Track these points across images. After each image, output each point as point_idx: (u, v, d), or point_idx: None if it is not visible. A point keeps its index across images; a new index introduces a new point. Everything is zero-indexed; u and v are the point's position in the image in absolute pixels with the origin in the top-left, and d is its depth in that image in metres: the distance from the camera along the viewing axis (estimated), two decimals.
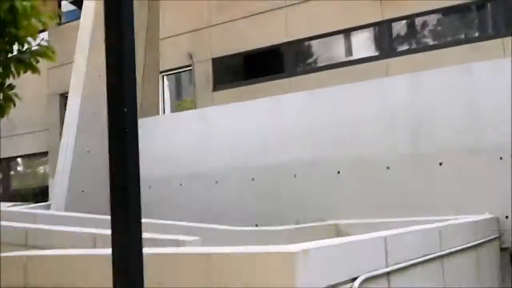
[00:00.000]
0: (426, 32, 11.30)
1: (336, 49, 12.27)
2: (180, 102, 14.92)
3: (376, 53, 11.64)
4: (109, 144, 2.48)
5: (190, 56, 13.52)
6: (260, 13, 12.86)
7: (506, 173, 6.67)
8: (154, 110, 11.49)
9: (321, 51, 12.48)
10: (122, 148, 2.44)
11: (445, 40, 11.08)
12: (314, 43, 12.52)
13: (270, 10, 12.75)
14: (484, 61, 7.51)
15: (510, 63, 6.94)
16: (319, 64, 12.48)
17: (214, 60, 13.42)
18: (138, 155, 2.47)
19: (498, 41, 10.35)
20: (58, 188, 9.66)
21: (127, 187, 2.45)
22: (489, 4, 10.75)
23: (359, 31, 11.91)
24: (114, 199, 2.46)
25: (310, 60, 12.68)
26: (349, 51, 12.09)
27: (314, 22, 12.21)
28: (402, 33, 11.53)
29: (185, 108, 13.97)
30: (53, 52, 3.78)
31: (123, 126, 2.44)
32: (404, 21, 11.42)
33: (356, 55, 11.98)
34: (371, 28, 11.72)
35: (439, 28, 11.23)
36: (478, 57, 10.15)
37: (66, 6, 16.14)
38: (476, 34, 10.88)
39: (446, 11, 11.05)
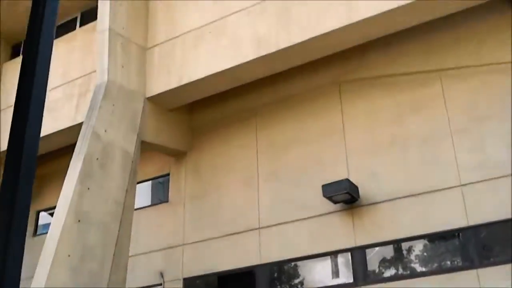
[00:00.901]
0: (401, 260, 11.07)
1: (310, 273, 11.91)
2: None
3: (350, 280, 11.28)
4: None
5: (161, 275, 13.08)
6: (234, 233, 12.76)
7: None
8: None
9: (295, 274, 12.11)
10: None
11: (420, 269, 10.80)
12: (287, 266, 12.21)
13: (244, 232, 12.65)
14: None
15: None
16: None
17: (185, 280, 12.94)
18: None
19: (473, 272, 10.11)
20: None
21: None
22: (460, 234, 10.70)
23: (333, 256, 11.70)
24: None
25: (284, 284, 12.21)
26: (323, 276, 11.72)
27: (288, 245, 12.04)
28: (376, 260, 11.29)
29: None
30: None
31: None
32: (376, 248, 11.27)
33: (330, 281, 11.59)
34: (345, 254, 11.52)
35: (413, 256, 11.03)
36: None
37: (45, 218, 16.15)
38: (449, 264, 10.65)
39: (420, 239, 10.95)
